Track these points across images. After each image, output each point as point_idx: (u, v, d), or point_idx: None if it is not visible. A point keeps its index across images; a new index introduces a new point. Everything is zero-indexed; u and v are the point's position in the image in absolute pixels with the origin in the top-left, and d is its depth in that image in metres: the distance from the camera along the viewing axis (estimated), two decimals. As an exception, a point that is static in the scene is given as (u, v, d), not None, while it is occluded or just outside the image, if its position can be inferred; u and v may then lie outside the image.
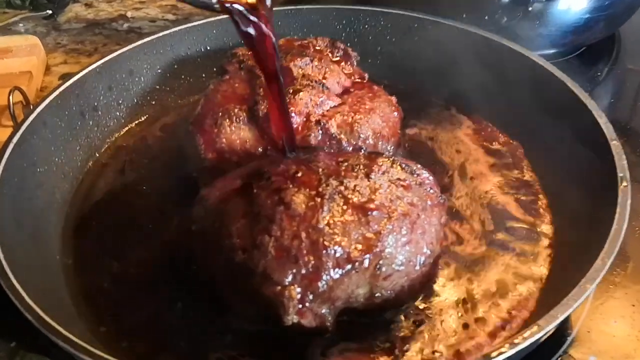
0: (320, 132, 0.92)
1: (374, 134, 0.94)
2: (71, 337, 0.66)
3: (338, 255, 0.71)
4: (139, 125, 1.16)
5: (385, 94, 1.01)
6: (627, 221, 0.77)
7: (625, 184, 0.81)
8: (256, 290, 0.72)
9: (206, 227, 0.79)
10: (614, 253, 0.73)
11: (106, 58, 1.10)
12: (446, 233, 0.89)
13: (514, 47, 1.08)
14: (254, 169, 0.82)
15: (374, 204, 0.74)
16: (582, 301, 0.69)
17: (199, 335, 0.80)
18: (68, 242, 0.93)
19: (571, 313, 0.70)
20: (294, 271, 0.70)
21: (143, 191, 1.02)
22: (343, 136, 0.92)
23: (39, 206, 0.92)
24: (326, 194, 0.73)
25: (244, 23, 0.74)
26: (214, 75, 1.06)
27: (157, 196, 1.00)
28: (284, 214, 0.72)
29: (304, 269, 0.70)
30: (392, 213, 0.74)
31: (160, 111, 1.18)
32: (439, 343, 0.78)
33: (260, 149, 0.92)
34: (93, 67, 1.08)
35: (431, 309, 0.81)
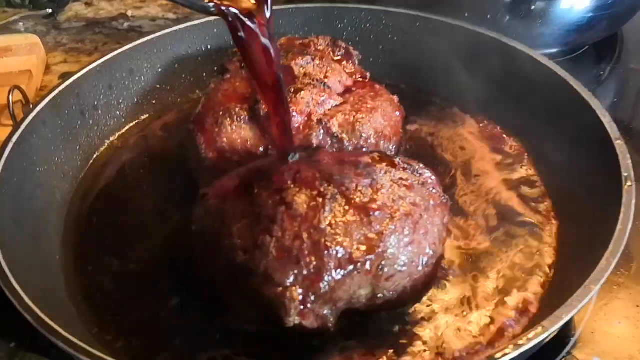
0: (322, 131, 0.91)
1: (376, 133, 0.94)
2: (70, 337, 0.66)
3: (340, 255, 0.71)
4: (139, 124, 1.15)
5: (387, 93, 1.01)
6: (632, 221, 0.76)
7: (630, 183, 0.81)
8: (257, 291, 0.71)
9: (206, 227, 0.79)
10: (618, 253, 0.72)
11: (106, 57, 1.10)
12: (450, 229, 0.89)
13: (516, 46, 1.08)
14: (255, 168, 0.82)
15: (376, 204, 0.74)
16: (587, 302, 0.69)
17: (196, 334, 0.79)
18: (68, 242, 0.93)
19: (575, 314, 0.69)
20: (296, 272, 0.70)
21: (143, 191, 1.01)
22: (345, 136, 0.92)
23: (38, 206, 0.92)
24: (328, 194, 0.73)
25: (239, 28, 0.72)
26: (214, 74, 1.05)
27: (157, 196, 0.99)
28: (285, 214, 0.72)
29: (305, 270, 0.70)
30: (395, 213, 0.74)
31: (160, 110, 1.18)
32: (443, 342, 0.77)
33: (262, 148, 0.92)
34: (93, 66, 1.08)
35: (436, 307, 0.81)
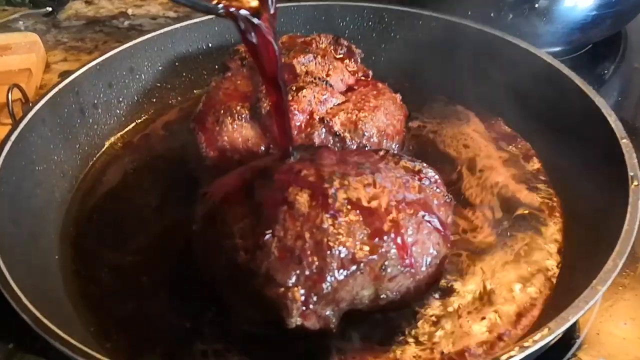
0: (324, 130, 0.91)
1: (379, 132, 0.93)
2: (69, 339, 0.66)
3: (343, 256, 0.70)
4: (139, 123, 1.15)
5: (389, 91, 1.00)
6: (639, 221, 0.76)
7: (637, 183, 0.80)
8: (258, 291, 0.70)
9: (207, 226, 0.78)
10: (625, 254, 0.72)
11: (106, 55, 1.10)
12: (457, 222, 0.90)
13: (521, 45, 1.07)
14: (256, 167, 0.81)
15: (379, 203, 0.73)
16: (593, 303, 0.68)
17: (189, 329, 0.79)
18: (67, 241, 0.92)
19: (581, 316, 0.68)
20: (298, 272, 0.69)
21: (143, 190, 1.01)
22: (347, 134, 0.91)
23: (37, 205, 0.91)
24: (330, 194, 0.72)
25: (248, 28, 0.73)
26: (215, 72, 1.05)
27: (157, 195, 0.99)
28: (287, 214, 0.71)
29: (307, 270, 0.69)
30: (398, 213, 0.73)
31: (161, 109, 1.17)
32: (446, 343, 0.77)
33: (263, 147, 0.91)
34: (93, 64, 1.07)
35: (440, 307, 0.81)
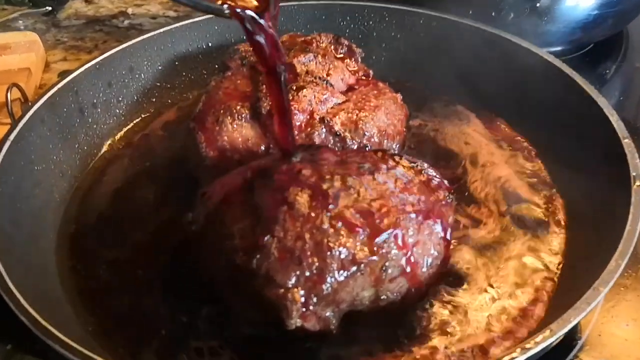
0: (324, 130, 0.90)
1: (379, 132, 0.93)
2: (67, 340, 0.65)
3: (343, 256, 0.69)
4: (138, 122, 1.14)
5: (390, 91, 0.99)
6: (641, 222, 0.76)
7: (639, 183, 0.80)
8: (258, 292, 0.70)
9: (207, 227, 0.78)
10: (627, 255, 0.72)
11: (106, 54, 1.09)
12: (461, 217, 0.90)
13: (522, 44, 1.07)
14: (256, 167, 0.81)
15: (379, 204, 0.72)
16: (595, 305, 0.68)
17: (184, 326, 0.79)
18: (66, 241, 0.92)
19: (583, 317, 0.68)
20: (298, 273, 0.69)
21: (143, 190, 1.00)
22: (347, 134, 0.91)
23: (36, 205, 0.91)
24: (330, 194, 0.72)
25: (254, 28, 0.74)
26: (215, 71, 1.05)
27: (156, 195, 0.98)
28: (287, 214, 0.70)
29: (307, 271, 0.69)
30: (399, 213, 0.72)
31: (160, 108, 1.17)
32: (446, 344, 0.76)
33: (263, 147, 0.91)
34: (92, 64, 1.07)
35: (441, 308, 0.80)
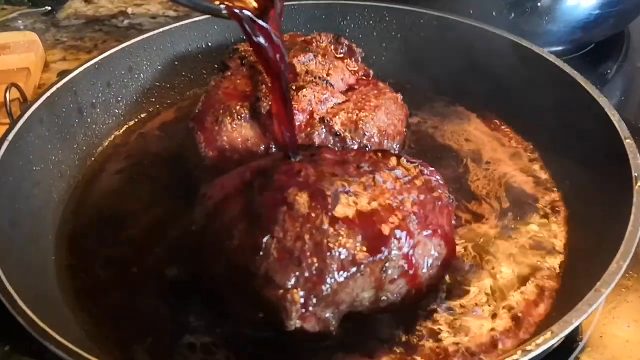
0: (324, 129, 0.90)
1: (379, 132, 0.93)
2: (64, 342, 0.65)
3: (343, 257, 0.69)
4: (138, 122, 1.14)
5: (390, 91, 0.99)
6: (643, 222, 0.75)
7: (641, 183, 0.79)
8: (257, 293, 0.70)
9: (206, 227, 0.77)
10: (629, 256, 0.71)
11: (105, 54, 1.09)
12: (463, 214, 0.91)
13: (523, 44, 1.06)
14: (255, 167, 0.80)
15: (379, 204, 0.72)
16: (597, 306, 0.67)
17: (178, 322, 0.79)
18: (64, 241, 0.91)
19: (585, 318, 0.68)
20: (297, 274, 0.68)
21: (142, 190, 1.00)
22: (347, 134, 0.91)
23: (35, 205, 0.91)
24: (330, 194, 0.71)
25: (252, 29, 0.73)
26: (215, 71, 1.04)
27: (156, 195, 0.98)
28: (286, 215, 0.70)
29: (307, 272, 0.68)
30: (399, 214, 0.72)
31: (160, 108, 1.17)
32: (446, 344, 0.76)
33: (262, 147, 0.90)
34: (91, 63, 1.07)
35: (442, 307, 0.80)
